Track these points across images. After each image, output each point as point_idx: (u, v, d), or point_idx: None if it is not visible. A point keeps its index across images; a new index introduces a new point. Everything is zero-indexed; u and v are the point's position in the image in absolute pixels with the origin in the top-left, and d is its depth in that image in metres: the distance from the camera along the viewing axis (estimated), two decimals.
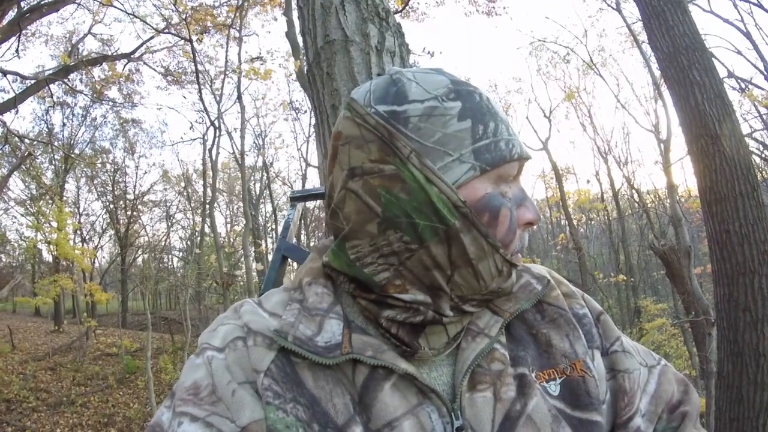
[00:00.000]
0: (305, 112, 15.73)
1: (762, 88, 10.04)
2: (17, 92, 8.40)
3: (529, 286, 0.54)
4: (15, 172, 11.18)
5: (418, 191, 0.45)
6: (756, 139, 9.17)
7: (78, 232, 17.56)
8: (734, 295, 2.64)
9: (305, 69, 1.53)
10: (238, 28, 9.94)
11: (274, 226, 19.93)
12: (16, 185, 15.30)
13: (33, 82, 8.70)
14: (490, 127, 0.47)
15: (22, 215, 16.51)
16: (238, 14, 9.18)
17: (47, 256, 17.02)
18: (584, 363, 0.51)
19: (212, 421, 0.43)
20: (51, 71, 10.07)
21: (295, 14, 6.95)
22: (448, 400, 0.46)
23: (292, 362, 0.46)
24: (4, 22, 6.75)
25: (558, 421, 0.46)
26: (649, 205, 14.71)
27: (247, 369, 0.46)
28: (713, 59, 3.18)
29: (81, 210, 18.93)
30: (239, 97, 10.55)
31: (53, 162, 15.77)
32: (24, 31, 7.74)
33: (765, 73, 10.06)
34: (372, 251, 0.47)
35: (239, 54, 10.33)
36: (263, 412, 0.43)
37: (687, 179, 16.91)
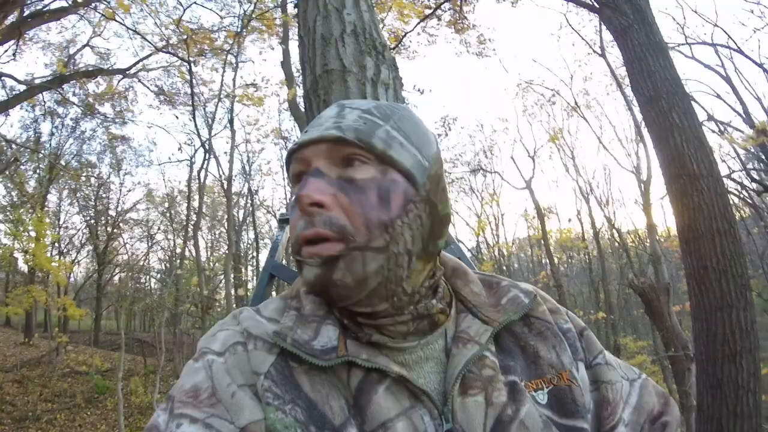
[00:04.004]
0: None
1: (741, 131, 10.42)
2: (9, 96, 8.33)
3: (517, 299, 0.57)
4: None
5: None
6: (734, 180, 9.46)
7: (56, 244, 17.12)
8: (712, 329, 2.69)
9: (302, 95, 1.57)
10: (235, 54, 10.06)
11: (255, 254, 19.73)
12: None
13: (26, 87, 8.64)
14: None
15: (0, 221, 16.07)
16: (236, 40, 9.28)
17: (23, 266, 16.50)
18: (570, 373, 0.53)
19: (212, 422, 0.44)
20: (42, 79, 10.01)
21: (292, 45, 6.99)
22: (439, 403, 0.48)
23: (291, 366, 0.48)
24: (5, 24, 6.74)
25: (548, 427, 0.48)
26: (629, 245, 14.88)
27: (246, 372, 0.48)
28: (693, 103, 3.32)
29: (61, 222, 18.46)
30: (231, 122, 10.58)
31: (38, 171, 15.49)
32: (23, 36, 7.75)
33: (743, 116, 10.48)
34: None
35: (234, 79, 10.39)
36: (262, 413, 0.45)
37: (666, 219, 17.25)
